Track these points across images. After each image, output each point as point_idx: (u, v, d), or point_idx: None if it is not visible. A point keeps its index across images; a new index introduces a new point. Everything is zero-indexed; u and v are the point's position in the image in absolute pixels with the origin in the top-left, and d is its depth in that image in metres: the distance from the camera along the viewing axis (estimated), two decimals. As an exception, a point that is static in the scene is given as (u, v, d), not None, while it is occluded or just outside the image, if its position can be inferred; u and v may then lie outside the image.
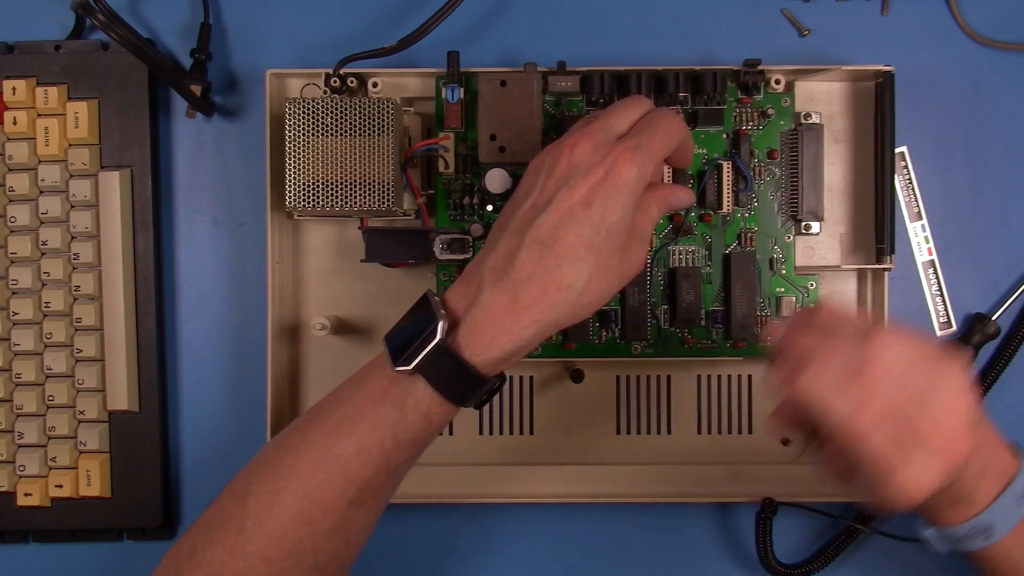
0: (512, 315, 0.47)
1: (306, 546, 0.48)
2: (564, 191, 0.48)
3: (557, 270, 0.47)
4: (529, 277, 0.47)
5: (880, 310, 0.62)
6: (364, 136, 0.58)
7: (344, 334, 0.65)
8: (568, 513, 0.66)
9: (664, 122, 0.51)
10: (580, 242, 0.47)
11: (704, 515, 0.66)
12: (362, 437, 0.48)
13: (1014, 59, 0.65)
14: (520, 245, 0.48)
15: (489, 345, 0.47)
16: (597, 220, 0.47)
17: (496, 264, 0.48)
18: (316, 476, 0.48)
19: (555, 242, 0.47)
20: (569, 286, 0.47)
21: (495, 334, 0.47)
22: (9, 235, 0.64)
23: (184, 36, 0.66)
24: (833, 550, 0.64)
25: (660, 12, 0.66)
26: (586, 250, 0.47)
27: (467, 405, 0.49)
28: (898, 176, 0.64)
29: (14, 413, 0.64)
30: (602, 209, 0.47)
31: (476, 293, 0.48)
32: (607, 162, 0.48)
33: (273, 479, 0.49)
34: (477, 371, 0.48)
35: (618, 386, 0.65)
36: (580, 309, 0.48)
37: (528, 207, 0.49)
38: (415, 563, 0.66)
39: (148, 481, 0.64)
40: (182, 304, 0.66)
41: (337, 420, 0.49)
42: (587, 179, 0.48)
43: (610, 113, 0.51)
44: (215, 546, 0.48)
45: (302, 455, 0.49)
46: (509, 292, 0.47)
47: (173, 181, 0.66)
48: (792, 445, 0.64)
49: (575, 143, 0.49)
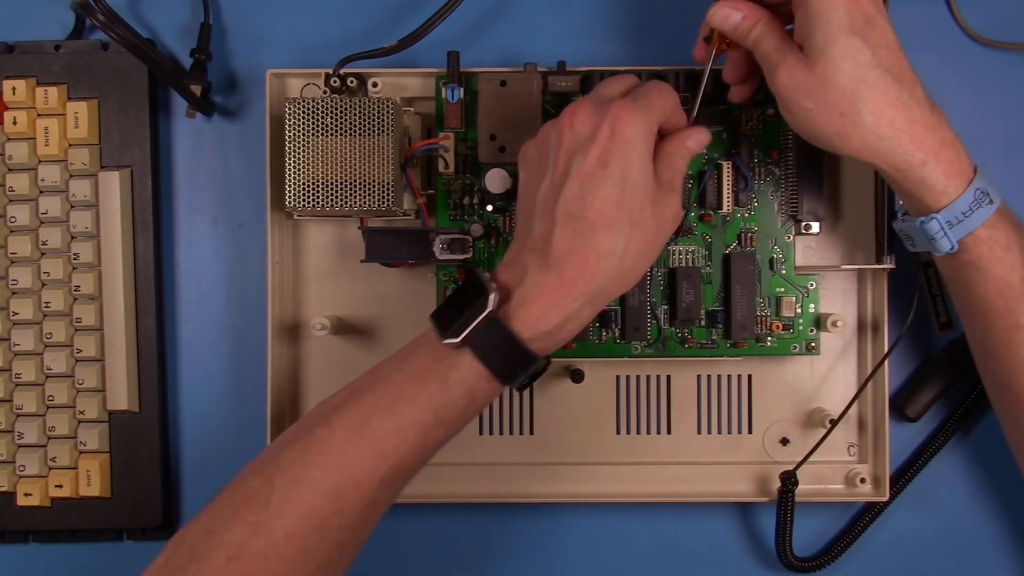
0: (559, 290, 0.48)
1: (332, 523, 0.48)
2: (578, 158, 0.49)
3: (594, 237, 0.48)
4: (569, 251, 0.48)
5: (880, 310, 0.62)
6: (364, 136, 0.58)
7: (344, 334, 0.65)
8: (568, 513, 0.66)
9: (654, 85, 0.52)
10: (609, 204, 0.48)
11: (704, 515, 0.66)
12: (401, 414, 0.48)
13: (1014, 59, 0.65)
14: (553, 223, 0.48)
15: (539, 319, 0.48)
16: (619, 176, 0.48)
17: (535, 247, 0.49)
18: (348, 451, 0.48)
19: (585, 210, 0.48)
20: (610, 251, 0.48)
21: (544, 309, 0.48)
22: (9, 235, 0.64)
23: (184, 36, 0.66)
24: (841, 545, 0.64)
25: (660, 12, 0.66)
26: (617, 210, 0.48)
27: (512, 384, 0.49)
28: (898, 176, 0.64)
29: (14, 413, 0.64)
30: (620, 165, 0.48)
31: (522, 275, 0.49)
32: (609, 118, 0.49)
33: (303, 454, 0.48)
34: (526, 346, 0.48)
35: (618, 386, 0.65)
36: (625, 273, 0.49)
37: (547, 185, 0.50)
38: (414, 563, 0.66)
39: (148, 481, 0.64)
40: (182, 304, 0.66)
41: (375, 397, 0.49)
42: (596, 140, 0.48)
43: (600, 87, 0.53)
44: (237, 524, 0.47)
45: (335, 430, 0.49)
46: (553, 269, 0.48)
47: (173, 181, 0.66)
48: (792, 445, 0.64)
49: (573, 112, 0.50)
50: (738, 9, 0.52)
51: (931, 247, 0.53)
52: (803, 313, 0.62)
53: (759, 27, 0.52)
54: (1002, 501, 0.65)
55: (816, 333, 0.62)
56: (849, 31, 0.49)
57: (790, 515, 0.62)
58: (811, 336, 0.62)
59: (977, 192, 0.51)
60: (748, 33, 0.53)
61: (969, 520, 0.65)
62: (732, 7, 0.53)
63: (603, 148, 0.48)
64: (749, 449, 0.64)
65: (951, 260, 0.53)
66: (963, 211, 0.51)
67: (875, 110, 0.50)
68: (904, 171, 0.51)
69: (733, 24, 0.53)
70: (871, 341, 0.63)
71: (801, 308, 0.62)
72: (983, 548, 0.65)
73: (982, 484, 0.65)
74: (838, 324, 0.61)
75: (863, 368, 0.64)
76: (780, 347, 0.62)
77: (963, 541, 0.65)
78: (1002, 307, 0.53)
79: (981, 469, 0.65)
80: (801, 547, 0.64)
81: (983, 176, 0.52)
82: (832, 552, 0.64)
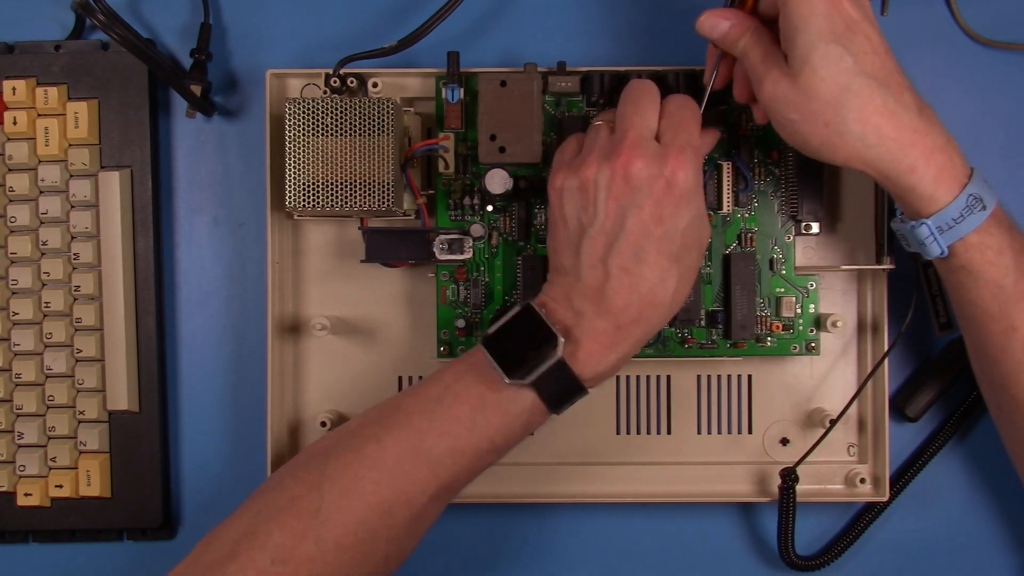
0: (615, 335, 0.50)
1: (381, 535, 0.49)
2: (633, 213, 0.50)
3: (649, 293, 0.50)
4: (626, 304, 0.50)
5: (880, 310, 0.62)
6: (364, 136, 0.58)
7: (344, 334, 0.65)
8: (568, 513, 0.66)
9: (690, 109, 0.53)
10: (663, 258, 0.50)
11: (704, 515, 0.66)
12: (458, 438, 0.50)
13: (1014, 59, 0.65)
14: (607, 276, 0.50)
15: (598, 363, 0.50)
16: (672, 232, 0.50)
17: (588, 294, 0.50)
18: (402, 468, 0.49)
19: (640, 265, 0.50)
20: (663, 301, 0.51)
21: (603, 354, 0.50)
22: (9, 235, 0.64)
23: (184, 36, 0.66)
24: (841, 546, 0.64)
25: (660, 12, 0.66)
26: (669, 262, 0.50)
27: (559, 412, 0.51)
28: (898, 176, 0.64)
29: (14, 413, 0.64)
30: (673, 220, 0.50)
31: (576, 319, 0.50)
32: (666, 172, 0.50)
33: (352, 466, 0.49)
34: (584, 385, 0.50)
35: (618, 386, 0.65)
36: (674, 310, 0.52)
37: (596, 233, 0.50)
38: (414, 564, 0.65)
39: (148, 481, 0.64)
40: (182, 304, 0.66)
41: (428, 418, 0.50)
42: (651, 195, 0.50)
43: (633, 115, 0.52)
44: (281, 529, 0.48)
45: (386, 447, 0.50)
46: (610, 319, 0.50)
47: (173, 181, 0.66)
48: (792, 445, 0.64)
49: (627, 162, 0.50)
50: (726, 18, 0.52)
51: (922, 251, 0.52)
52: (803, 313, 0.62)
53: (747, 37, 0.52)
54: (1001, 501, 0.65)
55: (816, 333, 0.62)
56: (829, 38, 0.48)
57: (791, 512, 0.62)
58: (811, 336, 0.62)
59: (970, 198, 0.50)
60: (736, 43, 0.52)
61: (969, 520, 0.65)
62: (720, 16, 0.52)
63: (657, 203, 0.49)
64: (749, 449, 0.64)
65: (944, 263, 0.53)
66: (954, 217, 0.50)
67: (860, 118, 0.49)
68: (893, 178, 0.51)
69: (721, 33, 0.53)
70: (871, 341, 0.63)
71: (801, 308, 0.62)
72: (983, 548, 0.65)
73: (981, 484, 0.65)
74: (838, 324, 0.61)
75: (863, 368, 0.64)
76: (780, 347, 0.62)
77: (963, 541, 0.65)
78: (996, 311, 0.52)
79: (980, 469, 0.65)
80: (801, 547, 0.64)
81: (978, 180, 0.51)
82: (832, 552, 0.64)
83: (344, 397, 0.64)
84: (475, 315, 0.61)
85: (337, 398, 0.64)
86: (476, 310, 0.61)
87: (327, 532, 0.48)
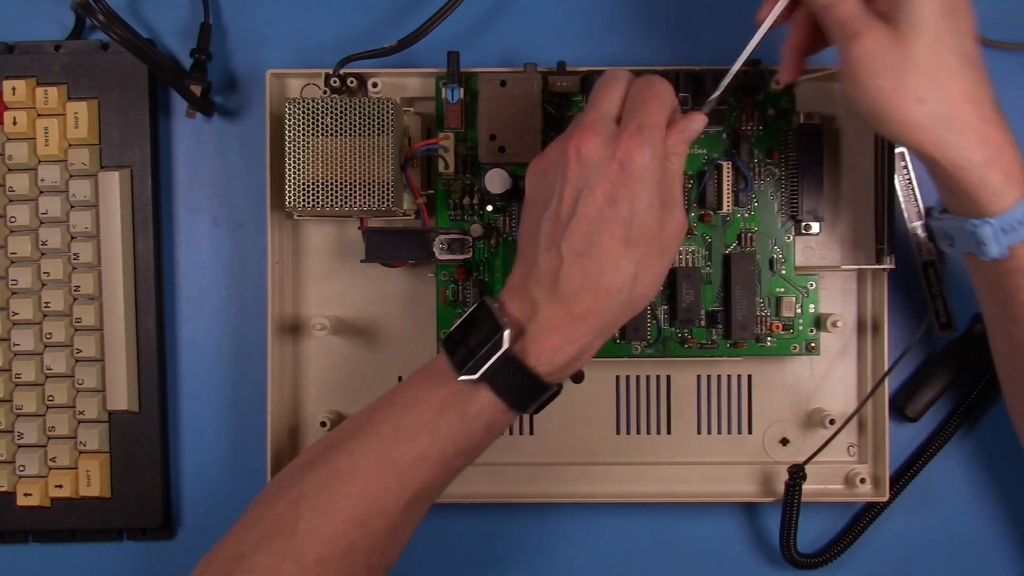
0: (570, 326, 0.48)
1: (359, 547, 0.48)
2: (585, 195, 0.47)
3: (603, 276, 0.47)
4: (579, 288, 0.48)
5: (880, 310, 0.62)
6: (364, 136, 0.58)
7: (344, 334, 0.65)
8: (568, 513, 0.66)
9: (653, 90, 0.50)
10: (616, 242, 0.47)
11: (704, 515, 0.66)
12: (422, 444, 0.49)
13: (1014, 59, 0.65)
14: (560, 260, 0.48)
15: (553, 355, 0.48)
16: (626, 214, 0.47)
17: (542, 280, 0.48)
18: (372, 481, 0.48)
19: (592, 248, 0.47)
20: (619, 288, 0.48)
21: (558, 344, 0.48)
22: (9, 235, 0.64)
23: (184, 36, 0.66)
24: (841, 546, 0.64)
25: (660, 12, 0.66)
26: (624, 247, 0.47)
27: (527, 412, 0.50)
28: (898, 176, 0.64)
29: (14, 413, 0.64)
30: (628, 202, 0.47)
31: (532, 308, 0.48)
32: (618, 154, 0.47)
33: (326, 482, 0.49)
34: (541, 379, 0.48)
35: (618, 386, 0.65)
36: (636, 301, 0.49)
37: (552, 217, 0.49)
38: (414, 564, 0.66)
39: (148, 481, 0.64)
40: (182, 304, 0.66)
41: (394, 426, 0.49)
42: (604, 177, 0.47)
43: (597, 98, 0.50)
44: (266, 550, 0.48)
45: (357, 459, 0.49)
46: (563, 306, 0.48)
47: (173, 181, 0.66)
48: (792, 445, 0.64)
49: (579, 142, 0.48)
50: None
51: (977, 251, 0.50)
52: (803, 313, 0.62)
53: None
54: (1002, 501, 0.65)
55: (816, 333, 0.62)
56: (946, 11, 0.47)
57: (796, 510, 0.62)
58: (811, 336, 0.62)
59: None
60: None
61: (969, 520, 0.65)
62: None
63: (611, 185, 0.47)
64: (749, 449, 0.64)
65: (993, 265, 0.50)
66: (1019, 219, 0.48)
67: (953, 101, 0.47)
68: (966, 169, 0.48)
69: None
70: (871, 341, 0.63)
71: (801, 308, 0.62)
72: (983, 548, 0.65)
73: (982, 484, 0.65)
74: (838, 324, 0.61)
75: (863, 368, 0.64)
76: (780, 347, 0.62)
77: (963, 541, 0.65)
78: None
79: (981, 469, 0.65)
80: (801, 547, 0.64)
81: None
82: (832, 552, 0.64)
83: (344, 397, 0.64)
84: (475, 315, 0.61)
85: (337, 398, 0.64)
86: (476, 310, 0.61)
87: (307, 550, 0.48)
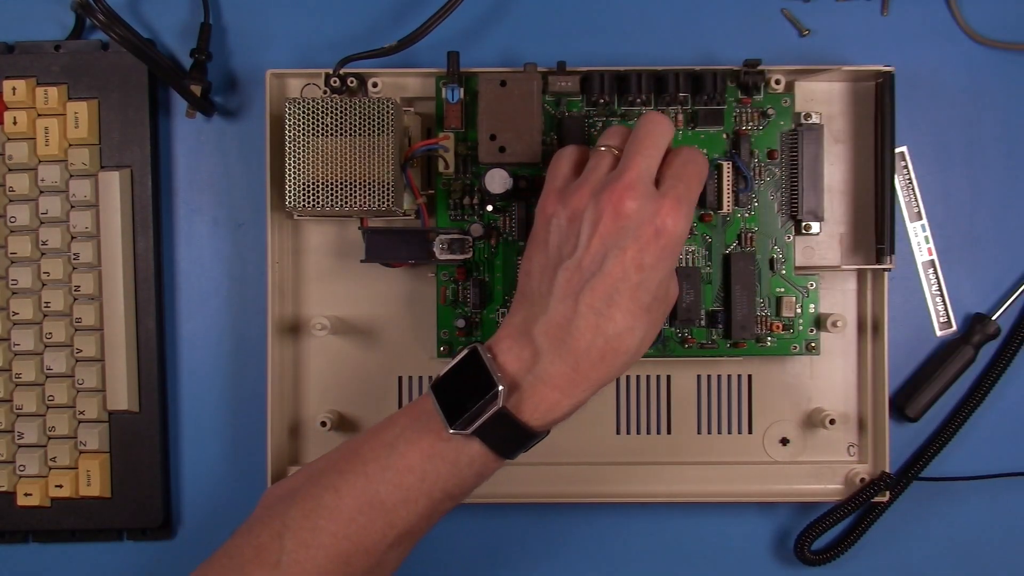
0: (573, 382, 0.48)
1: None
2: (615, 254, 0.47)
3: (616, 338, 0.48)
4: (588, 346, 0.48)
5: (880, 310, 0.62)
6: (364, 136, 0.58)
7: (344, 334, 0.65)
8: (568, 513, 0.66)
9: (696, 168, 0.51)
10: (636, 306, 0.48)
11: (704, 515, 0.66)
12: (410, 488, 0.48)
13: (1014, 59, 0.65)
14: (575, 313, 0.48)
15: (550, 409, 0.48)
16: (651, 281, 0.48)
17: (550, 331, 0.48)
18: (358, 520, 0.48)
19: (611, 309, 0.47)
20: (627, 350, 0.48)
21: (556, 399, 0.48)
22: (9, 235, 0.64)
23: (184, 36, 0.66)
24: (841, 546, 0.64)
25: (660, 12, 0.66)
26: (642, 312, 0.48)
27: (514, 458, 0.50)
28: (898, 176, 0.64)
29: (14, 413, 0.64)
30: (655, 270, 0.48)
31: (533, 359, 0.48)
32: (657, 221, 0.47)
33: (311, 516, 0.48)
34: (535, 432, 0.49)
35: (618, 386, 0.65)
36: (633, 360, 0.50)
37: (573, 268, 0.48)
38: (414, 564, 0.66)
39: (148, 481, 0.64)
40: (182, 304, 0.66)
41: (382, 466, 0.49)
42: (637, 239, 0.47)
43: (636, 154, 0.50)
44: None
45: (343, 496, 0.49)
46: (570, 361, 0.48)
47: (173, 181, 0.66)
48: (792, 445, 0.64)
49: (619, 199, 0.48)
50: None
51: None
52: (803, 313, 0.62)
53: None
54: (1002, 501, 0.65)
55: (816, 333, 0.62)
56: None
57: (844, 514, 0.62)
58: (811, 336, 0.62)
59: None
60: None
61: (969, 520, 0.65)
62: None
63: (641, 249, 0.47)
64: (749, 449, 0.64)
65: None
66: None
67: None
68: None
69: None
70: (871, 341, 0.63)
71: (801, 308, 0.62)
72: (983, 548, 0.65)
73: (981, 484, 0.65)
74: (838, 324, 0.61)
75: (863, 368, 0.64)
76: (780, 347, 0.62)
77: (963, 541, 0.65)
78: None
79: (981, 469, 0.65)
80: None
81: None
82: (832, 552, 0.64)
83: (344, 397, 0.64)
84: (475, 315, 0.61)
85: (337, 398, 0.64)
86: (476, 310, 0.61)
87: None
